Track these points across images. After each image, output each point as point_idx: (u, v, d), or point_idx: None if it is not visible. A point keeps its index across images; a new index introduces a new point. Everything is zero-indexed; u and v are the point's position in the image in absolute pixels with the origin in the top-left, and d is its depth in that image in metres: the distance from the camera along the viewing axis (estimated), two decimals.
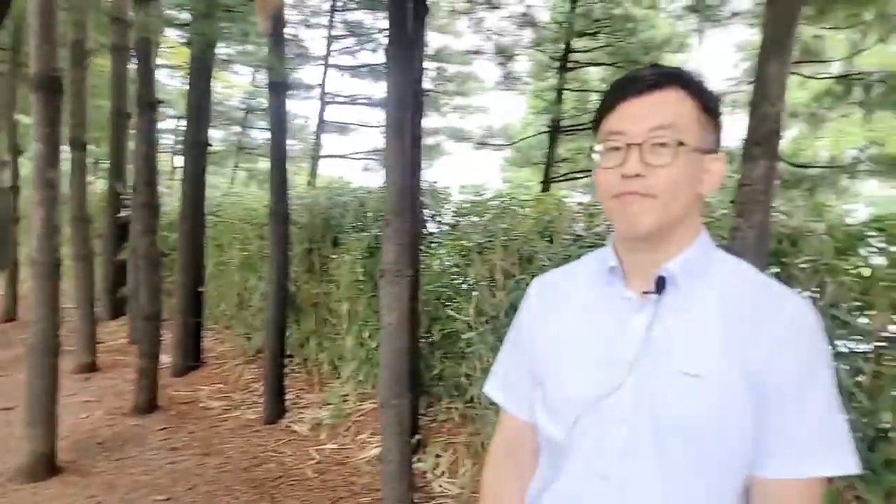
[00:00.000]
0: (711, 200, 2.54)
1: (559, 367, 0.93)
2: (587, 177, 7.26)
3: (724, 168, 0.88)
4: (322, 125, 11.29)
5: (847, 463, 0.80)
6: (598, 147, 0.89)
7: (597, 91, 8.08)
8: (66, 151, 4.94)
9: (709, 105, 0.87)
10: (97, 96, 8.29)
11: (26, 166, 7.66)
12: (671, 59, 7.55)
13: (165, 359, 4.98)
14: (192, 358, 5.30)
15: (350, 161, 11.80)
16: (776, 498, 0.82)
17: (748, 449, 0.82)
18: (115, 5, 6.48)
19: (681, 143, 0.82)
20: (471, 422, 3.49)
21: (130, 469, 3.39)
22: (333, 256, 4.54)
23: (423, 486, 3.10)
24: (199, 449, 3.69)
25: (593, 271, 0.96)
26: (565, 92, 7.68)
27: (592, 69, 8.16)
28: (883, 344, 1.93)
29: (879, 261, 2.01)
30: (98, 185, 8.96)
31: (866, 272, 2.00)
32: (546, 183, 7.33)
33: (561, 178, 7.56)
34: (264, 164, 14.76)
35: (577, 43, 7.55)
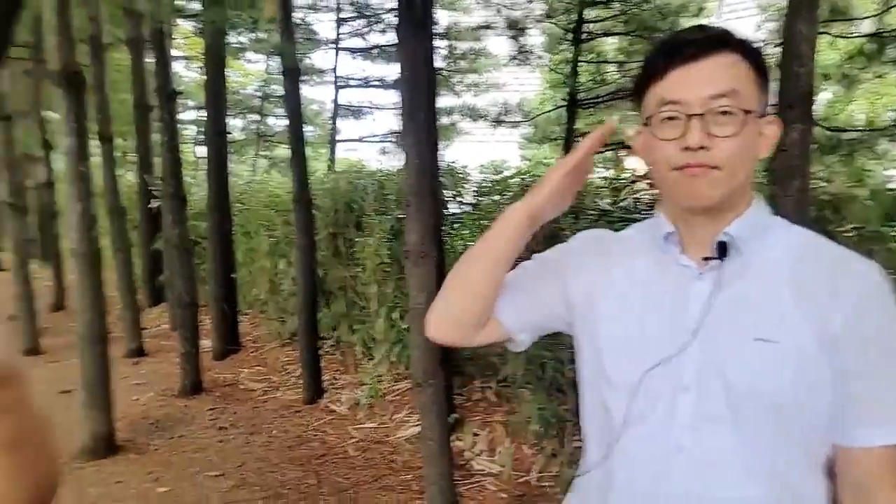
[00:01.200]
0: None
1: (614, 331, 0.90)
2: (609, 150, 7.19)
3: (779, 131, 0.86)
4: (337, 109, 11.31)
5: None
6: (647, 116, 0.85)
7: (613, 62, 7.97)
8: (94, 145, 5.06)
9: (762, 67, 0.83)
10: (118, 90, 8.41)
11: (57, 162, 7.84)
12: (689, 25, 7.39)
13: (206, 343, 5.16)
14: (230, 342, 5.47)
15: (367, 144, 11.83)
16: (866, 467, 0.80)
17: (829, 416, 0.80)
18: None
19: (747, 111, 0.79)
20: (506, 401, 3.59)
21: (183, 447, 3.57)
22: (358, 240, 4.63)
23: (463, 465, 3.21)
24: (245, 428, 3.86)
25: (646, 239, 0.93)
26: (581, 64, 7.57)
27: (607, 39, 8.02)
28: None
29: None
30: (128, 177, 9.13)
31: None
32: None
33: None
34: (283, 152, 14.85)
35: (590, 13, 7.43)
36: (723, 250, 0.84)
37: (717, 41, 0.81)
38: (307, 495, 3.03)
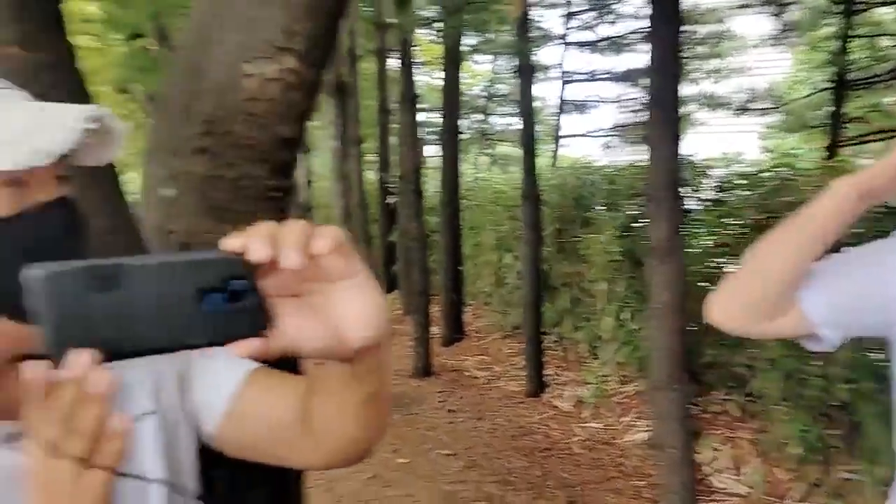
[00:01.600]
0: None
1: None
2: (890, 137, 6.02)
3: None
4: (561, 105, 11.22)
5: None
6: None
7: (893, 34, 6.68)
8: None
9: None
10: (364, 97, 9.40)
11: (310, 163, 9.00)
12: None
13: (434, 330, 5.48)
14: (456, 330, 5.75)
15: (590, 140, 11.58)
16: None
17: None
18: (376, 11, 7.23)
19: None
20: (751, 416, 3.20)
21: (417, 424, 3.83)
22: (585, 236, 4.51)
23: (701, 480, 2.93)
24: (472, 413, 4.01)
25: None
26: (851, 39, 6.47)
27: (885, 9, 6.74)
28: None
29: None
30: (367, 175, 10.17)
31: None
32: (833, 148, 6.27)
33: (849, 142, 6.40)
34: (505, 149, 15.26)
35: None
36: None
37: None
38: (533, 486, 3.03)
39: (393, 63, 7.26)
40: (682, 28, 3.83)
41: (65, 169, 0.52)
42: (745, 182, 3.95)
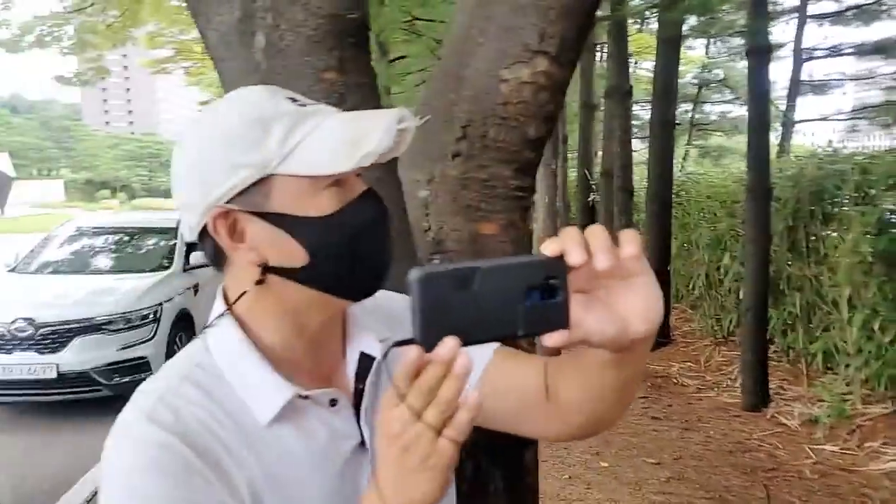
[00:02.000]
0: None
1: None
2: None
3: None
4: (796, 87, 9.96)
5: None
6: None
7: None
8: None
9: None
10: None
11: None
12: None
13: None
14: (660, 335, 5.46)
15: (829, 123, 10.15)
16: None
17: None
18: None
19: None
20: None
21: (620, 430, 3.73)
22: (825, 234, 4.00)
23: None
24: (679, 423, 3.80)
25: None
26: None
27: None
28: None
29: None
30: (569, 173, 10.11)
31: None
32: None
33: None
34: (717, 140, 14.08)
35: None
36: None
37: None
38: None
39: (599, 56, 7.15)
40: None
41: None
42: None
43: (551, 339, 0.49)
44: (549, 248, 0.49)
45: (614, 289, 0.51)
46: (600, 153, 7.88)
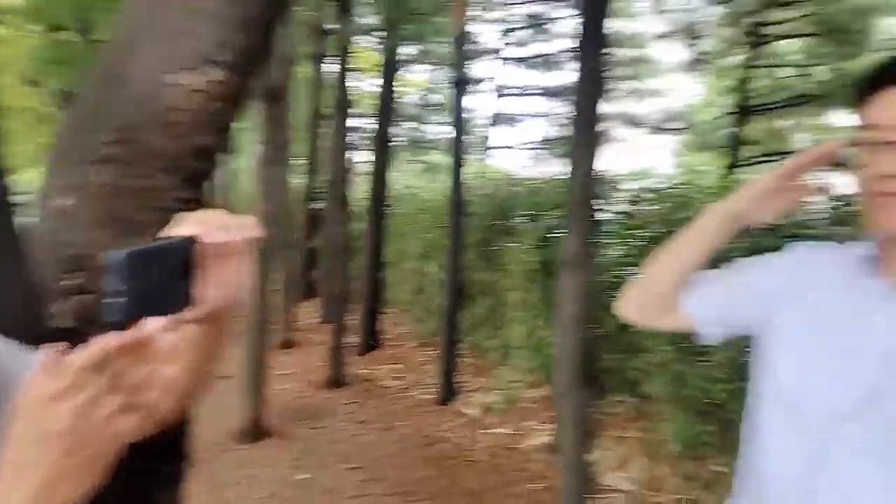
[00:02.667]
0: None
1: (803, 350, 0.89)
2: (781, 159, 6.58)
3: None
4: (494, 118, 11.46)
5: None
6: (854, 138, 0.83)
7: (792, 65, 7.32)
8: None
9: None
10: (296, 101, 9.28)
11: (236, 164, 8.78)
12: (888, 26, 6.57)
13: (350, 339, 5.49)
14: (373, 339, 5.77)
15: (519, 152, 11.87)
16: None
17: None
18: (315, 16, 7.19)
19: None
20: (643, 417, 3.42)
21: (324, 437, 3.82)
22: (506, 246, 4.66)
23: (593, 479, 3.11)
24: (381, 424, 4.04)
25: (849, 258, 0.91)
26: (756, 69, 7.04)
27: (786, 42, 7.37)
28: None
29: None
30: (293, 181, 10.03)
31: None
32: (732, 167, 6.81)
33: (749, 162, 6.95)
34: (436, 158, 15.38)
35: (774, 14, 6.87)
36: None
37: None
38: (436, 496, 3.10)
39: (329, 69, 7.26)
40: (607, 50, 4.07)
41: None
42: (652, 196, 4.22)
43: (185, 316, 0.57)
44: (181, 230, 0.58)
45: (221, 264, 0.61)
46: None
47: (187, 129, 1.23)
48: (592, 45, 2.60)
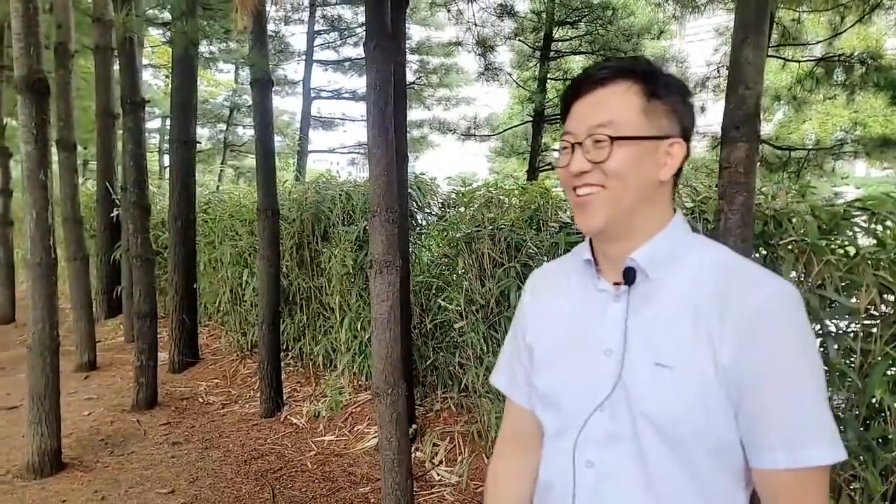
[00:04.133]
0: (700, 185, 2.61)
1: (546, 358, 0.96)
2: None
3: (683, 151, 0.87)
4: (308, 120, 11.29)
5: (836, 451, 0.77)
6: (557, 146, 0.95)
7: None
8: (54, 153, 4.93)
9: (657, 91, 0.85)
10: (82, 98, 8.26)
11: (16, 169, 7.65)
12: (652, 47, 7.62)
13: (163, 356, 5.04)
14: (189, 354, 5.36)
15: (337, 155, 11.79)
16: (776, 486, 0.80)
17: (733, 440, 0.81)
18: (96, 5, 6.46)
19: (618, 138, 0.82)
20: (466, 410, 3.57)
21: (133, 464, 3.45)
22: (324, 251, 4.60)
23: (422, 475, 3.18)
24: (200, 443, 3.76)
25: (576, 263, 0.97)
26: (548, 81, 7.74)
27: (574, 57, 8.22)
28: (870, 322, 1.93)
29: (865, 241, 2.03)
30: (87, 185, 8.95)
31: (851, 251, 2.01)
32: (532, 172, 7.43)
33: (547, 168, 7.65)
34: (251, 162, 14.69)
35: (558, 32, 7.60)
36: (629, 276, 0.87)
37: (615, 73, 0.86)
38: None
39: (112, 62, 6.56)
40: (408, 58, 4.17)
41: None
42: (462, 199, 4.44)
43: None
44: None
45: None
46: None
47: None
48: (380, 45, 2.64)
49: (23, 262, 3.63)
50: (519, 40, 7.61)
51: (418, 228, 4.47)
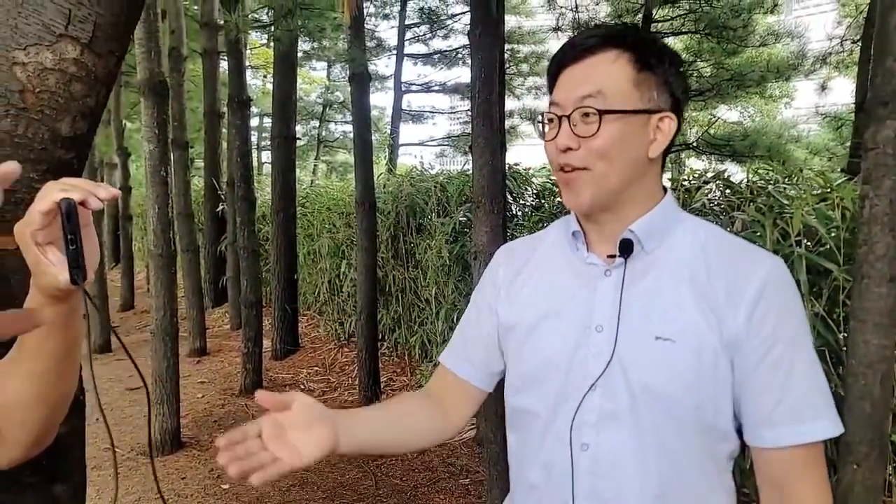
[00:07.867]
0: (825, 168, 2.38)
1: (530, 336, 0.89)
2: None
3: (674, 127, 0.82)
4: (399, 114, 11.44)
5: (836, 425, 0.77)
6: (543, 118, 0.86)
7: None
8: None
9: (648, 61, 0.80)
10: (190, 99, 8.78)
11: (133, 167, 8.25)
12: (762, 22, 7.11)
13: (266, 343, 5.26)
14: (290, 342, 5.57)
15: (423, 149, 11.91)
16: (778, 465, 0.79)
17: (730, 416, 0.79)
18: (203, 11, 6.83)
19: (606, 112, 0.78)
20: None
21: None
22: (419, 242, 4.62)
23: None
24: None
25: (559, 238, 0.94)
26: None
27: (677, 38, 7.82)
28: None
29: None
30: (194, 181, 9.52)
31: None
32: None
33: None
34: (343, 157, 15.14)
35: (658, 13, 7.24)
36: (626, 248, 0.83)
37: (604, 40, 0.81)
38: (363, 497, 3.01)
39: (224, 65, 6.92)
40: (505, 46, 4.11)
41: None
42: (557, 189, 4.32)
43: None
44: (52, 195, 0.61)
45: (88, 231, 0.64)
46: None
47: (46, 114, 1.09)
48: (487, 38, 2.59)
49: (140, 254, 3.88)
50: (617, 22, 7.33)
51: (514, 220, 4.39)
